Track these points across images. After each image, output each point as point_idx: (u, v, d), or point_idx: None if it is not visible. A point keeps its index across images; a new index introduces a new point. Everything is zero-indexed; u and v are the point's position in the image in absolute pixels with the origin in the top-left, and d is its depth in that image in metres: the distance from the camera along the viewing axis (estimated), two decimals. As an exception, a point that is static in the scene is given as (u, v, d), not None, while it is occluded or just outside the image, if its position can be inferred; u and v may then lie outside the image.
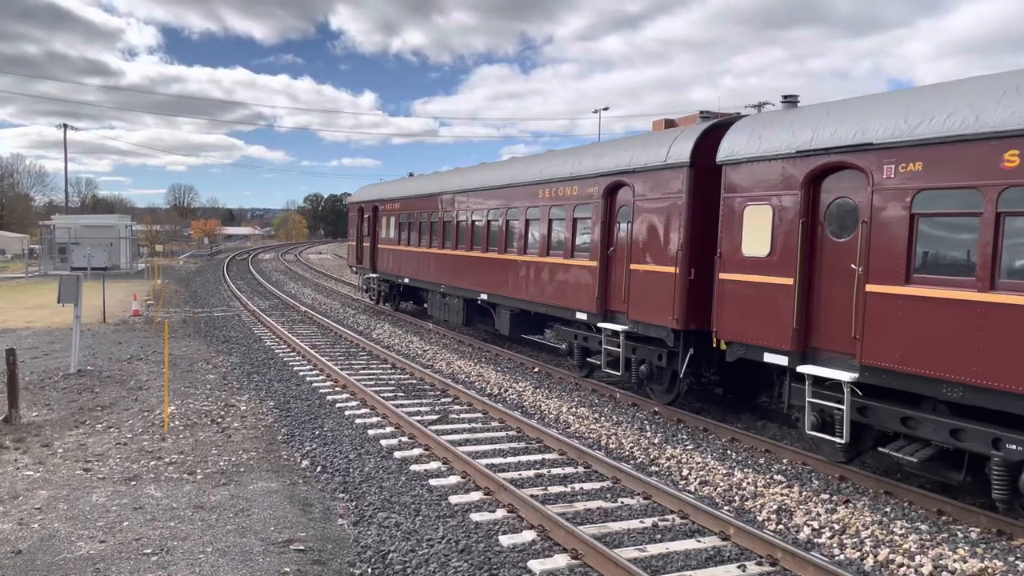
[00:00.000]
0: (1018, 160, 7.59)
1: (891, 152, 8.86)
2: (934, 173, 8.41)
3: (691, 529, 7.91)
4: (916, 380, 8.53)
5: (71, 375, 15.14)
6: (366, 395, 13.45)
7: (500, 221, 18.32)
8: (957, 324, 8.10)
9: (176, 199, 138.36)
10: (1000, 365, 7.69)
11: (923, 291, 8.46)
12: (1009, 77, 8.17)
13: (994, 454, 7.88)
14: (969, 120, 8.05)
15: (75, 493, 8.58)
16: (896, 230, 8.79)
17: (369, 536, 7.60)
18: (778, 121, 10.91)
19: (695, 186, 12.04)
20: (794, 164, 10.17)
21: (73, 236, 45.26)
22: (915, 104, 8.90)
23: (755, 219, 10.73)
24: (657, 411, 12.87)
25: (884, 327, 8.86)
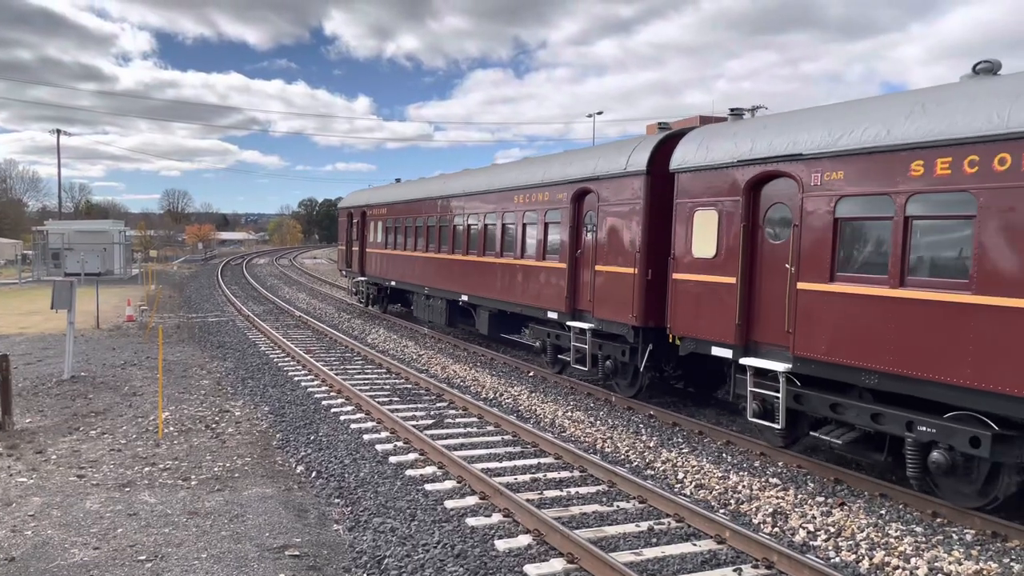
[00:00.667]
0: (923, 170, 8.44)
1: (818, 162, 9.74)
2: (853, 181, 9.29)
3: (687, 533, 7.91)
4: (840, 369, 9.38)
5: (64, 381, 15.09)
6: (361, 400, 13.42)
7: (479, 225, 19.13)
8: (873, 318, 8.96)
9: (170, 204, 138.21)
10: (909, 354, 8.53)
11: (844, 288, 9.33)
12: (917, 95, 9.07)
13: (907, 436, 8.67)
14: (882, 134, 8.91)
15: (69, 500, 8.54)
16: (822, 233, 9.66)
17: (365, 541, 7.58)
18: (723, 133, 11.73)
19: (652, 192, 12.91)
20: (736, 172, 11.05)
21: (67, 242, 45.13)
22: (838, 118, 9.76)
23: (703, 223, 11.62)
24: (652, 414, 12.89)
25: (812, 321, 9.73)
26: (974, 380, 7.93)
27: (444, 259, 21.32)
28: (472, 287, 19.42)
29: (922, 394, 8.50)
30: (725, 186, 11.27)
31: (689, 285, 11.89)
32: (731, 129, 11.71)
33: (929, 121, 8.48)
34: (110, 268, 46.02)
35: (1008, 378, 7.63)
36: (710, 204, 11.52)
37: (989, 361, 7.82)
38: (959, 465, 8.31)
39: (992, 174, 7.83)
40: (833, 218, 9.51)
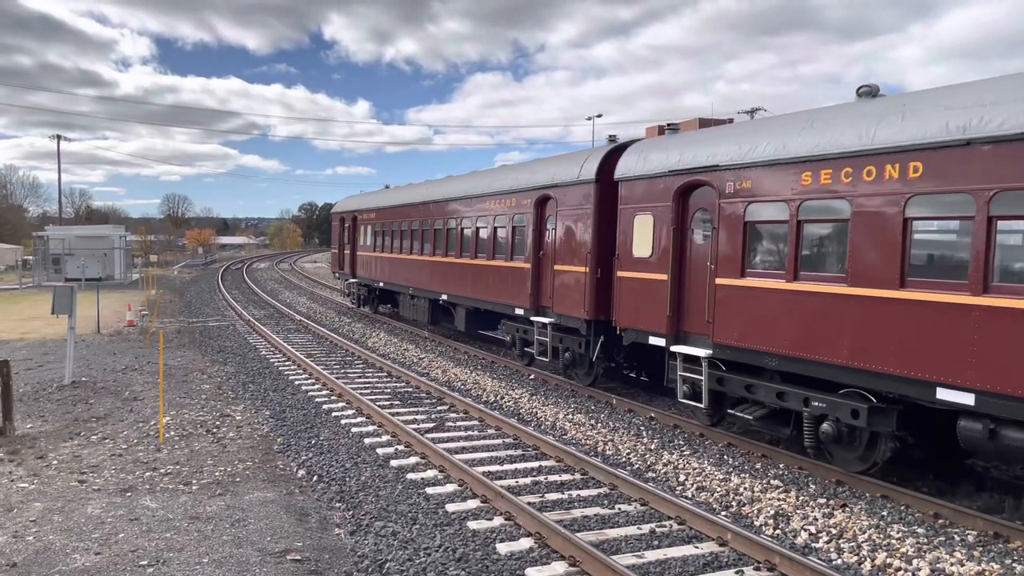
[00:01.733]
0: (810, 180, 9.77)
1: (731, 172, 11.07)
2: (758, 189, 10.62)
3: (689, 535, 7.91)
4: (750, 353, 10.71)
5: (65, 386, 15.09)
6: (362, 404, 13.42)
7: (456, 229, 20.46)
8: (773, 307, 10.32)
9: (170, 209, 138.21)
10: (801, 339, 9.88)
11: (752, 282, 10.68)
12: (809, 114, 10.44)
13: (804, 410, 9.98)
14: (780, 148, 10.28)
15: (70, 505, 8.54)
16: (735, 234, 10.99)
17: (366, 545, 7.57)
18: (659, 146, 13.12)
19: (600, 199, 14.27)
20: (668, 181, 12.41)
21: (67, 247, 45.13)
22: (747, 134, 11.17)
23: (641, 226, 13.00)
24: (653, 416, 12.89)
25: (727, 312, 11.08)
26: (851, 360, 9.23)
27: (425, 261, 22.63)
28: (450, 287, 20.72)
29: (812, 373, 9.81)
30: (659, 193, 12.61)
31: (630, 282, 13.29)
32: (665, 143, 13.11)
33: (815, 137, 9.80)
34: (110, 273, 46.00)
35: (878, 358, 8.89)
36: (647, 209, 12.86)
37: (862, 343, 9.10)
38: (844, 435, 9.59)
39: (862, 183, 9.11)
40: (743, 222, 10.84)
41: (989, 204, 7.87)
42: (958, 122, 8.18)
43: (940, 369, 8.28)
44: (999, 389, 7.76)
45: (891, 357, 8.78)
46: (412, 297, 24.17)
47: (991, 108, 7.95)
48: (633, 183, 13.26)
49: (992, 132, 7.85)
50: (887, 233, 8.81)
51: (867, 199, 9.05)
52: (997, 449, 8.18)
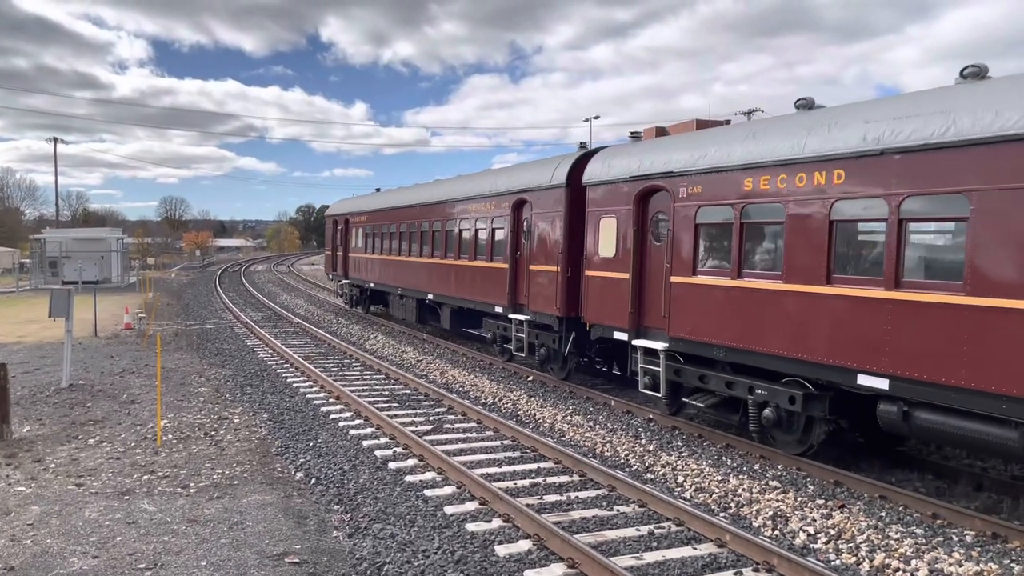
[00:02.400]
0: (751, 185, 10.66)
1: (684, 178, 11.92)
2: (707, 194, 11.50)
3: (687, 536, 7.90)
4: (701, 346, 11.59)
5: (63, 389, 15.06)
6: (360, 406, 13.41)
7: (441, 231, 21.46)
8: (720, 303, 11.21)
9: (167, 211, 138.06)
10: (743, 331, 10.76)
11: (702, 280, 11.61)
12: (752, 125, 11.60)
13: (749, 398, 10.83)
14: (725, 156, 11.19)
15: (68, 508, 8.52)
16: (687, 236, 11.87)
17: (364, 548, 7.56)
18: (622, 153, 13.95)
19: (570, 202, 15.17)
20: (629, 186, 13.26)
21: (64, 250, 45.05)
22: (698, 143, 12.00)
23: (606, 228, 13.88)
24: (651, 418, 12.89)
25: (681, 307, 11.98)
26: (787, 350, 10.08)
27: (413, 262, 23.57)
28: (436, 287, 21.68)
29: (756, 363, 10.65)
30: (622, 197, 13.47)
31: (596, 280, 14.18)
32: (627, 150, 13.90)
33: (756, 146, 10.71)
34: (108, 276, 45.91)
35: (810, 348, 9.76)
36: (611, 212, 13.75)
37: (796, 335, 9.97)
38: (784, 419, 10.42)
39: (795, 189, 10.01)
40: (695, 224, 11.73)
41: (899, 207, 8.71)
42: (874, 134, 9.04)
43: (860, 357, 9.14)
44: (909, 374, 8.61)
45: (820, 347, 9.62)
46: (401, 297, 25.13)
47: (901, 122, 8.78)
48: (599, 188, 14.16)
49: (901, 143, 8.71)
50: (815, 234, 9.71)
51: (799, 203, 9.97)
52: (911, 429, 8.97)
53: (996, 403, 7.84)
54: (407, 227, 24.31)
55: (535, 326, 16.52)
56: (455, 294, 20.39)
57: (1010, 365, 7.65)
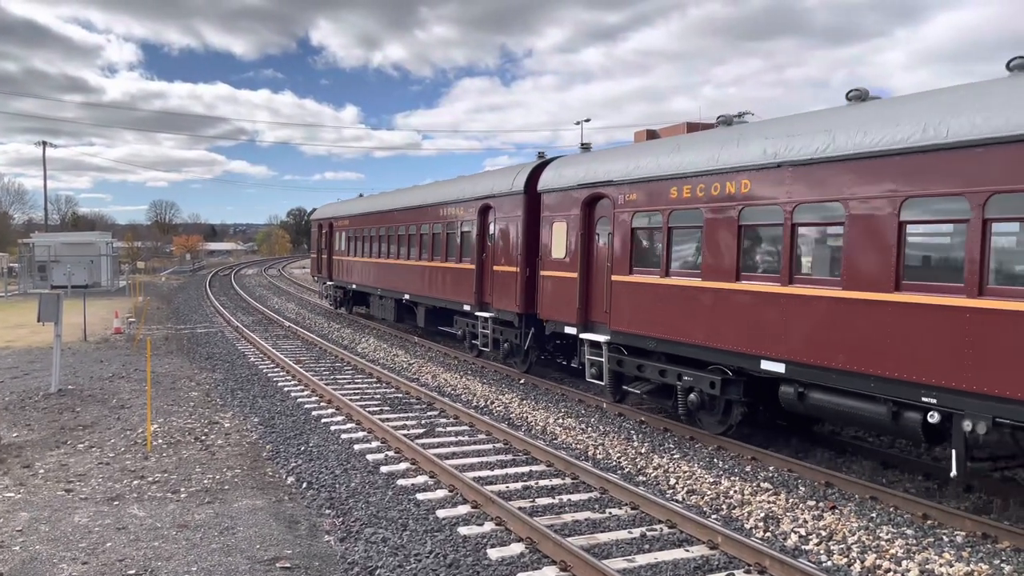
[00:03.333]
0: (676, 193, 11.91)
1: (622, 186, 13.13)
2: (641, 201, 12.71)
3: (679, 538, 7.91)
4: (637, 338, 12.79)
5: (52, 394, 14.97)
6: (352, 410, 13.37)
7: (416, 234, 22.77)
8: (651, 299, 12.43)
9: (157, 215, 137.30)
10: (670, 324, 12.01)
11: (637, 279, 12.82)
12: (678, 140, 12.68)
13: (678, 384, 12.02)
14: (655, 167, 12.44)
15: (57, 514, 8.46)
16: (625, 238, 13.09)
17: (356, 552, 7.54)
18: (572, 162, 15.40)
19: (528, 208, 16.35)
20: (577, 193, 14.52)
21: (53, 254, 44.81)
22: (634, 155, 13.24)
23: (558, 231, 15.12)
24: (643, 420, 12.91)
25: (619, 303, 13.19)
26: (707, 341, 11.25)
27: (391, 263, 24.88)
28: (411, 287, 22.98)
29: (682, 353, 11.86)
30: (571, 203, 14.71)
31: (550, 279, 15.44)
32: (576, 160, 15.40)
33: (680, 159, 11.93)
34: (97, 280, 45.70)
35: (725, 338, 10.91)
36: (562, 217, 15.03)
37: (714, 327, 11.13)
38: (707, 402, 11.63)
39: (711, 197, 11.17)
40: (631, 228, 12.94)
41: (792, 213, 9.92)
42: (772, 149, 10.26)
43: (763, 345, 10.33)
44: (801, 360, 9.76)
45: (732, 337, 10.80)
46: (380, 297, 26.36)
47: (793, 139, 10.00)
48: (551, 194, 15.49)
49: (793, 157, 9.93)
50: (727, 236, 10.93)
51: (714, 209, 11.17)
52: (805, 408, 10.12)
53: (867, 383, 9.01)
54: (385, 231, 25.55)
55: (499, 323, 17.75)
56: (428, 294, 21.61)
57: (874, 349, 8.85)
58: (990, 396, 7.76)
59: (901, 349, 8.58)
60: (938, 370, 8.21)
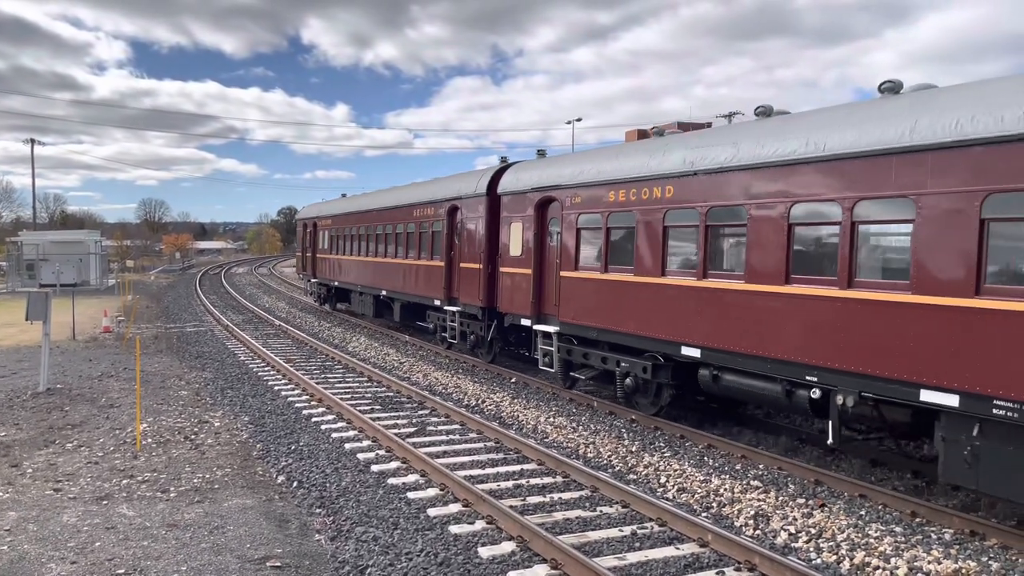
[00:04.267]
0: (614, 197, 13.09)
1: (569, 190, 14.36)
2: (585, 203, 13.91)
3: (670, 536, 7.93)
4: (581, 328, 13.99)
5: (40, 393, 14.88)
6: (342, 409, 13.35)
7: (392, 233, 24.02)
8: (592, 292, 13.67)
9: (147, 214, 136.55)
10: (606, 315, 13.27)
11: (582, 274, 14.02)
12: (619, 148, 13.99)
13: (617, 369, 13.24)
14: (596, 173, 13.69)
15: (45, 514, 8.42)
16: (572, 238, 14.32)
17: (347, 551, 7.52)
18: (527, 167, 16.77)
19: (490, 209, 17.55)
20: (531, 195, 15.76)
21: (41, 252, 44.53)
22: (579, 162, 14.60)
23: (515, 231, 16.40)
24: (634, 419, 12.94)
25: (567, 297, 14.40)
26: (639, 330, 12.48)
27: (369, 261, 26.19)
28: (388, 284, 24.32)
29: (619, 341, 13.06)
30: (526, 205, 15.97)
31: (508, 275, 16.69)
32: (531, 165, 16.72)
33: (618, 165, 13.15)
34: (86, 279, 45.42)
35: (654, 328, 12.14)
36: (519, 218, 16.25)
37: (644, 318, 12.37)
38: (641, 386, 12.94)
39: (642, 200, 12.43)
40: (576, 228, 14.14)
41: (706, 215, 11.12)
42: (690, 159, 11.52)
43: (683, 333, 11.55)
44: (715, 345, 11.00)
45: (659, 326, 12.03)
46: (360, 294, 27.63)
47: (708, 149, 11.27)
48: (509, 197, 16.75)
49: (706, 166, 11.17)
50: (654, 236, 12.18)
51: (644, 212, 12.40)
52: (719, 389, 11.30)
53: (765, 364, 10.20)
54: (365, 230, 26.82)
55: (465, 316, 19.01)
56: (403, 290, 22.97)
57: (771, 335, 10.04)
58: (856, 374, 8.96)
59: (791, 335, 9.80)
60: (818, 352, 9.43)
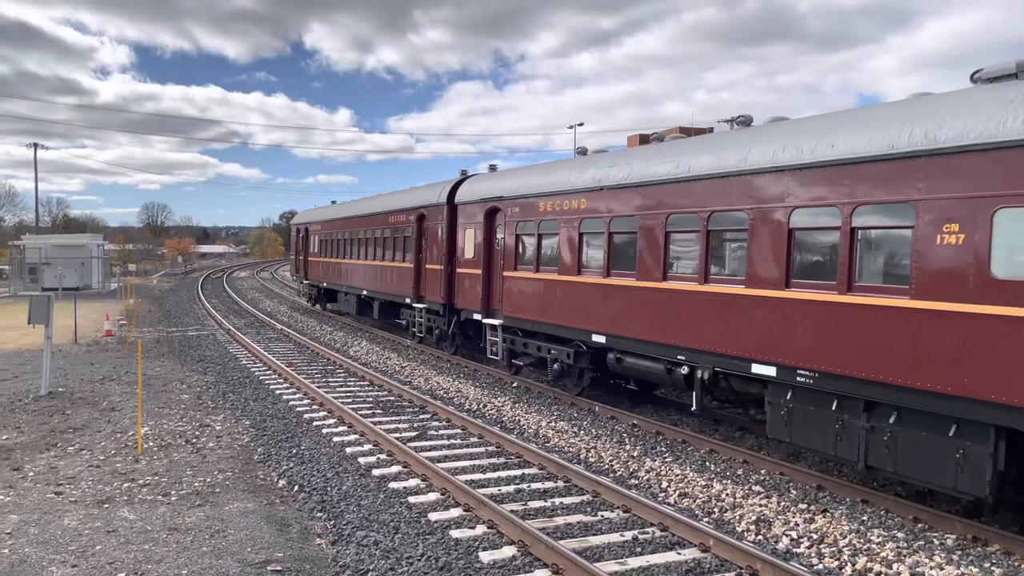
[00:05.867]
0: (543, 207, 15.35)
1: (510, 201, 16.70)
2: (522, 213, 16.21)
3: (671, 541, 7.92)
4: (520, 320, 16.21)
5: (42, 397, 14.88)
6: (344, 413, 13.34)
7: (371, 238, 26.29)
8: (529, 290, 15.83)
9: (149, 218, 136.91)
10: (538, 309, 15.49)
11: (519, 274, 16.28)
12: (547, 165, 16.58)
13: (548, 357, 15.42)
14: (529, 186, 16.11)
15: (46, 517, 8.41)
16: (512, 242, 16.52)
17: (348, 555, 7.51)
18: (480, 180, 19.17)
19: (449, 216, 19.79)
20: (482, 205, 18.04)
21: (44, 256, 44.55)
22: (519, 176, 17.13)
23: (469, 236, 18.67)
24: (636, 424, 12.92)
25: (508, 294, 16.60)
26: (562, 321, 14.59)
27: (352, 264, 28.38)
28: (368, 284, 26.48)
29: (548, 331, 15.19)
30: (477, 213, 18.24)
31: (464, 276, 18.89)
32: (483, 178, 19.17)
33: (547, 180, 15.56)
34: (88, 282, 45.44)
35: (573, 319, 14.21)
36: (471, 224, 18.55)
37: (566, 310, 14.49)
38: (566, 370, 15.04)
39: (565, 210, 14.57)
40: (516, 234, 16.39)
41: (609, 223, 13.33)
42: (598, 176, 13.70)
43: (594, 323, 13.62)
44: (615, 332, 13.12)
45: (578, 318, 14.08)
46: (345, 294, 29.55)
47: (611, 168, 13.45)
48: (465, 206, 19.04)
49: (610, 183, 13.34)
50: (573, 241, 14.31)
51: (566, 220, 14.55)
52: (622, 370, 13.41)
53: (651, 348, 12.26)
54: (349, 235, 29.00)
55: (431, 312, 21.23)
56: (381, 289, 25.10)
57: (654, 323, 12.17)
58: (711, 352, 11.02)
59: (667, 323, 11.93)
60: (686, 337, 11.49)
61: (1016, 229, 7.40)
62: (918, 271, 8.23)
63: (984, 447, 7.71)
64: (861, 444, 8.86)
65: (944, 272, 8.00)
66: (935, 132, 8.11)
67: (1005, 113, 7.52)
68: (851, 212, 8.98)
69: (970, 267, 7.74)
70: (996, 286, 7.50)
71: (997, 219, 7.52)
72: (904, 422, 8.46)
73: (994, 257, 7.55)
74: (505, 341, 16.94)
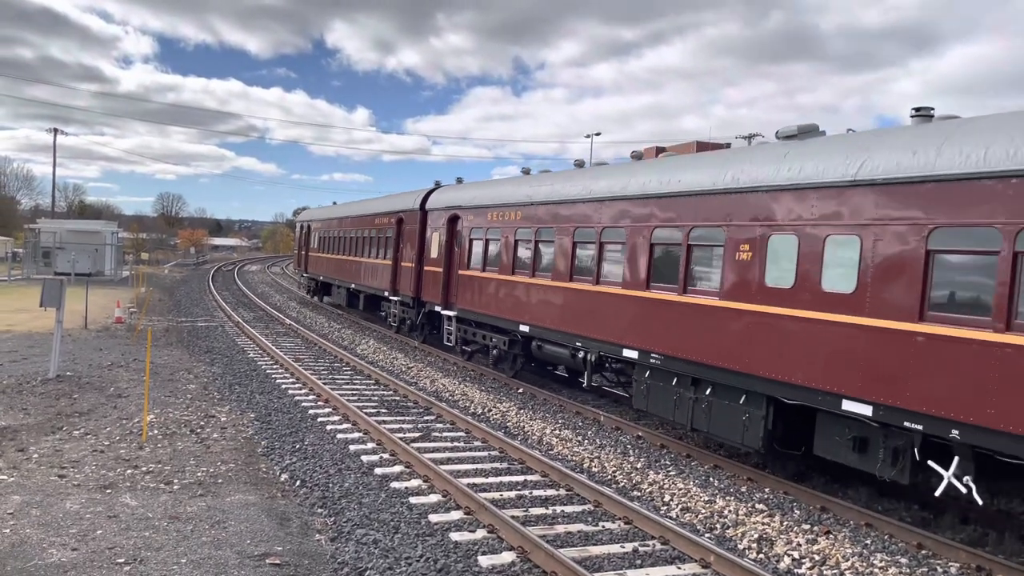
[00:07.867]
0: (489, 217, 17.98)
1: (468, 210, 19.44)
2: (475, 220, 18.92)
3: (671, 555, 7.87)
4: (469, 312, 18.82)
5: (50, 380, 14.95)
6: (348, 410, 13.34)
7: (360, 237, 28.97)
8: (476, 287, 18.41)
9: (164, 208, 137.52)
10: (486, 303, 17.88)
11: (470, 273, 18.83)
12: (495, 181, 19.85)
13: (490, 344, 18.07)
14: (480, 198, 18.96)
15: (49, 499, 8.44)
16: (467, 245, 19.24)
17: (347, 552, 7.50)
18: (446, 190, 22.09)
19: (422, 221, 22.39)
20: (445, 212, 20.72)
21: (58, 241, 44.84)
22: (474, 188, 20.16)
23: (435, 239, 21.25)
24: (640, 435, 12.87)
25: (463, 289, 19.21)
26: (500, 314, 17.17)
27: (344, 259, 31.01)
28: (355, 279, 29.03)
29: (491, 322, 17.75)
30: (441, 219, 20.85)
31: (429, 272, 21.56)
32: (448, 189, 22.18)
33: (494, 193, 18.48)
34: (101, 269, 45.68)
35: (508, 312, 16.78)
36: (437, 229, 21.18)
37: (502, 305, 17.05)
38: (503, 356, 17.67)
39: (507, 221, 17.12)
40: (470, 239, 19.10)
41: (536, 233, 15.91)
42: (529, 192, 16.45)
43: (521, 315, 16.24)
44: (537, 323, 15.65)
45: (510, 311, 16.68)
46: (338, 287, 31.90)
47: (538, 187, 16.22)
48: (433, 212, 21.77)
49: (539, 199, 15.99)
50: (509, 247, 16.96)
51: (506, 229, 17.21)
52: (543, 356, 16.22)
53: (560, 336, 14.87)
54: (343, 233, 31.58)
55: (403, 304, 23.74)
56: (366, 283, 27.55)
57: (562, 316, 14.74)
58: (598, 340, 13.57)
59: (569, 315, 14.45)
60: (582, 326, 14.03)
61: (779, 249, 10.01)
62: (724, 279, 10.85)
63: (760, 411, 10.28)
64: (689, 411, 11.53)
65: (738, 280, 10.61)
66: (739, 176, 10.87)
67: (780, 165, 10.25)
68: (688, 232, 11.62)
69: (754, 277, 10.36)
70: (765, 291, 10.13)
71: (771, 242, 10.14)
72: (716, 394, 11.06)
73: (768, 271, 10.13)
74: (459, 330, 19.61)
